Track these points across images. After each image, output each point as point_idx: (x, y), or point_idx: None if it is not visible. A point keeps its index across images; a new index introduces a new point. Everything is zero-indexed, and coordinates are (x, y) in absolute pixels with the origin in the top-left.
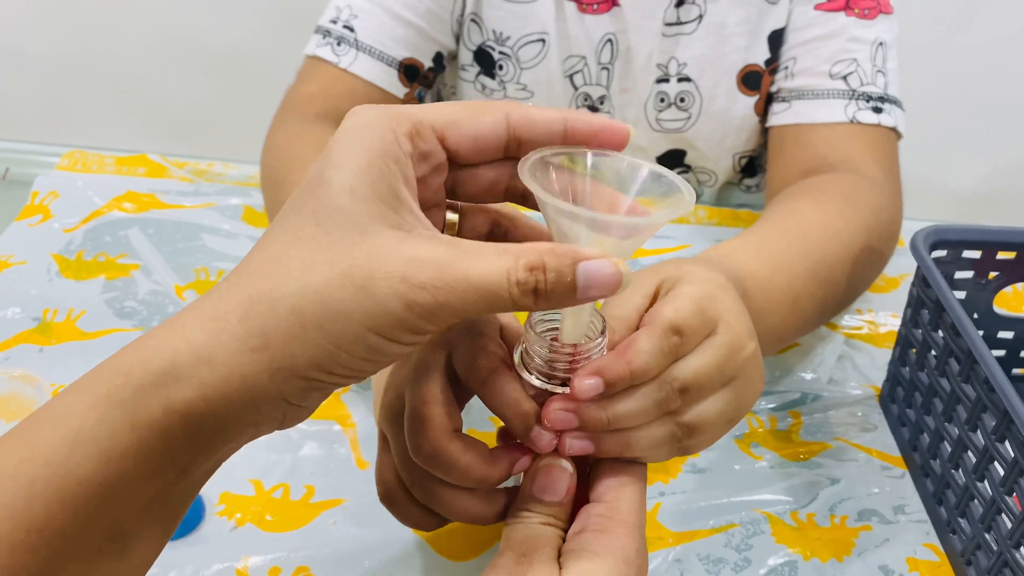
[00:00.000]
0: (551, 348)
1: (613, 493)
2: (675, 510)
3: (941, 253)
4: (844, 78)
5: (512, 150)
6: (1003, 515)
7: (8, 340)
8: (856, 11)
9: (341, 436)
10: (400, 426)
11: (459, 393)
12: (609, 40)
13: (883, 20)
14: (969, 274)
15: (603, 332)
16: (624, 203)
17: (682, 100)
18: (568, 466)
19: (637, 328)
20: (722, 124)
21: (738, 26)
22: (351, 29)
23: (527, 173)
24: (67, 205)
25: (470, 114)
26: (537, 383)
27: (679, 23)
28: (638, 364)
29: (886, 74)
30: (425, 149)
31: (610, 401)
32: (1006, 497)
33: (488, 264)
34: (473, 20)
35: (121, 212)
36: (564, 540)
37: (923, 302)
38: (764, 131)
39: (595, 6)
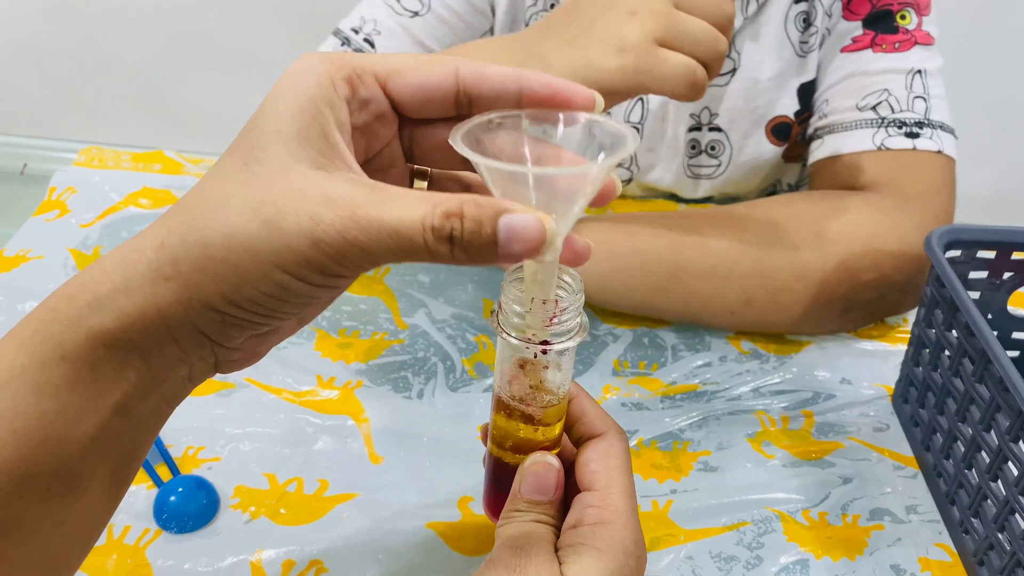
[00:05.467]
0: (526, 304)
1: (603, 480)
2: (687, 508)
3: (955, 253)
4: (873, 108)
5: (464, 107)
6: (1016, 515)
7: None
8: (884, 47)
9: (355, 431)
10: None
11: None
12: (640, 99)
13: (920, 51)
14: (983, 274)
15: (581, 290)
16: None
17: (712, 148)
18: (555, 462)
19: None
20: (751, 170)
21: (770, 80)
22: (371, 44)
23: (458, 136)
24: (84, 200)
25: (417, 64)
26: (514, 342)
27: None
28: None
29: (927, 100)
30: (365, 95)
31: None
32: (1020, 497)
33: (405, 207)
34: None
35: (137, 208)
36: (558, 535)
37: (937, 302)
38: (801, 168)
39: None
